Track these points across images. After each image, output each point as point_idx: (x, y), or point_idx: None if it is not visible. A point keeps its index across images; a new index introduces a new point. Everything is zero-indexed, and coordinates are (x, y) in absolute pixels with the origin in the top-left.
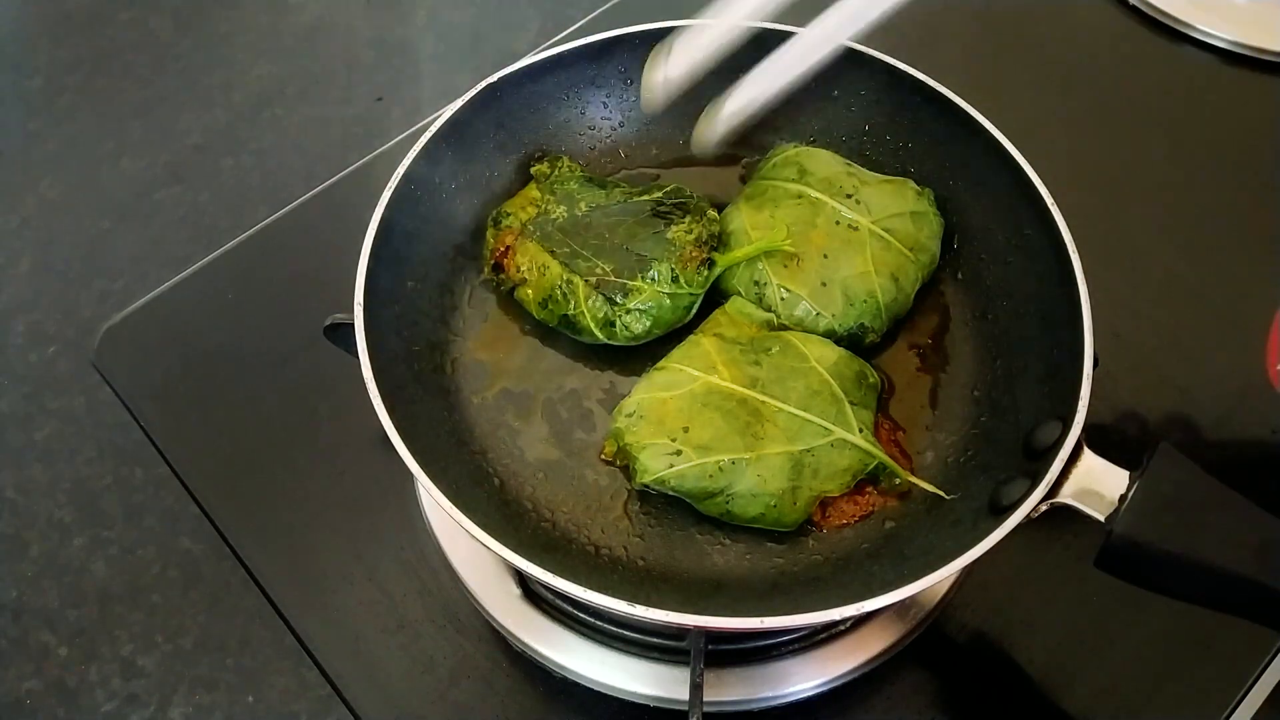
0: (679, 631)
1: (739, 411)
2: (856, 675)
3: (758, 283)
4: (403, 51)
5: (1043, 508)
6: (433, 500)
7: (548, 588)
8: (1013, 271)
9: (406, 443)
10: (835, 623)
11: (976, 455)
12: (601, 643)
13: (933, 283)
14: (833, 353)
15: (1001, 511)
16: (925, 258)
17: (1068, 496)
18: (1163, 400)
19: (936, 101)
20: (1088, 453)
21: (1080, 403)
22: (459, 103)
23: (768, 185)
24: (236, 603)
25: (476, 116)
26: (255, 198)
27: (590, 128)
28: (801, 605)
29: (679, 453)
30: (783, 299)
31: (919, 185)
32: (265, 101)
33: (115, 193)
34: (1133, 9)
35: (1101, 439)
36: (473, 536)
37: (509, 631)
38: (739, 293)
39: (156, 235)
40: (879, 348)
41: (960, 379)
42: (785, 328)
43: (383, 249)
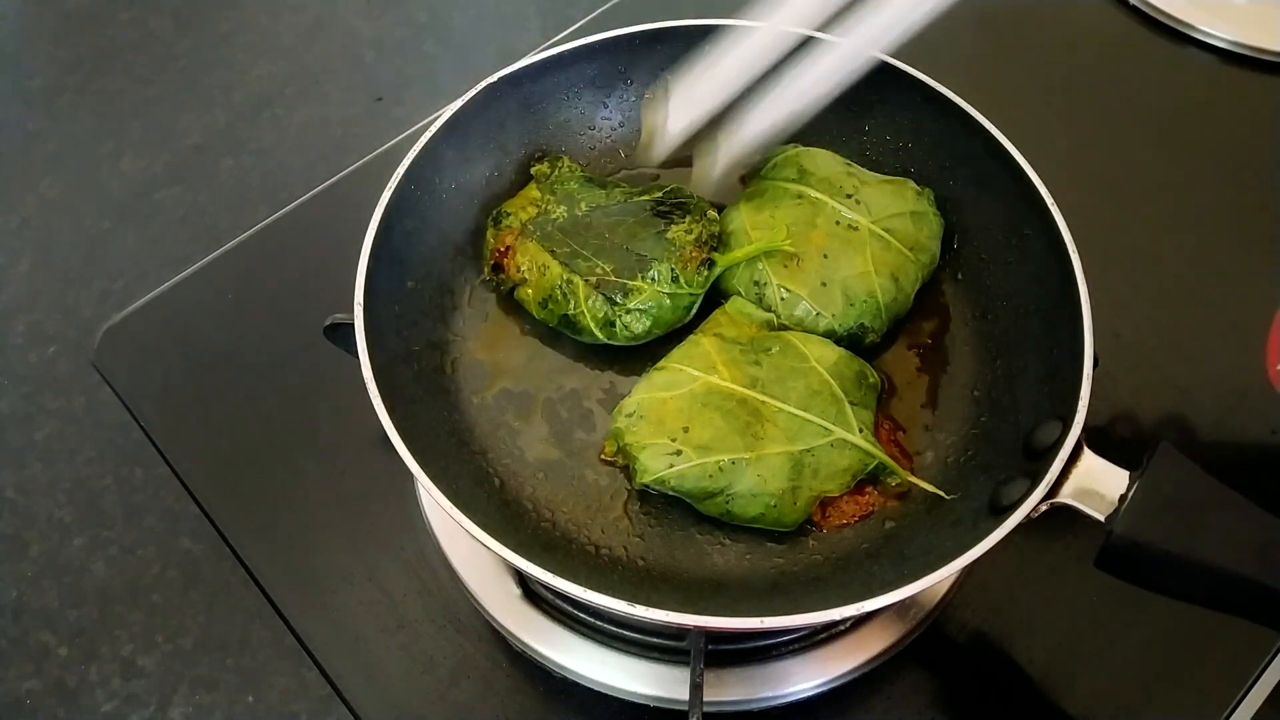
0: (679, 631)
1: (739, 411)
2: (856, 675)
3: (758, 283)
4: (403, 51)
5: (1043, 508)
6: (433, 500)
7: (548, 588)
8: (1013, 271)
9: (406, 443)
10: (835, 623)
11: (976, 455)
12: (601, 643)
13: (933, 283)
14: (833, 353)
15: (1001, 511)
16: (925, 258)
17: (1068, 496)
18: (1163, 400)
19: (936, 101)
20: (1088, 453)
21: (1080, 403)
22: (459, 103)
23: (768, 185)
24: (236, 603)
25: (476, 116)
26: (255, 198)
27: (590, 128)
28: (801, 605)
29: (679, 453)
30: (783, 299)
31: (919, 185)
32: (265, 101)
33: (115, 193)
34: (1133, 9)
35: (1101, 439)
36: (473, 536)
37: (509, 631)
38: (739, 293)
39: (156, 235)
40: (879, 348)
41: (960, 379)
42: (785, 328)
43: (383, 249)
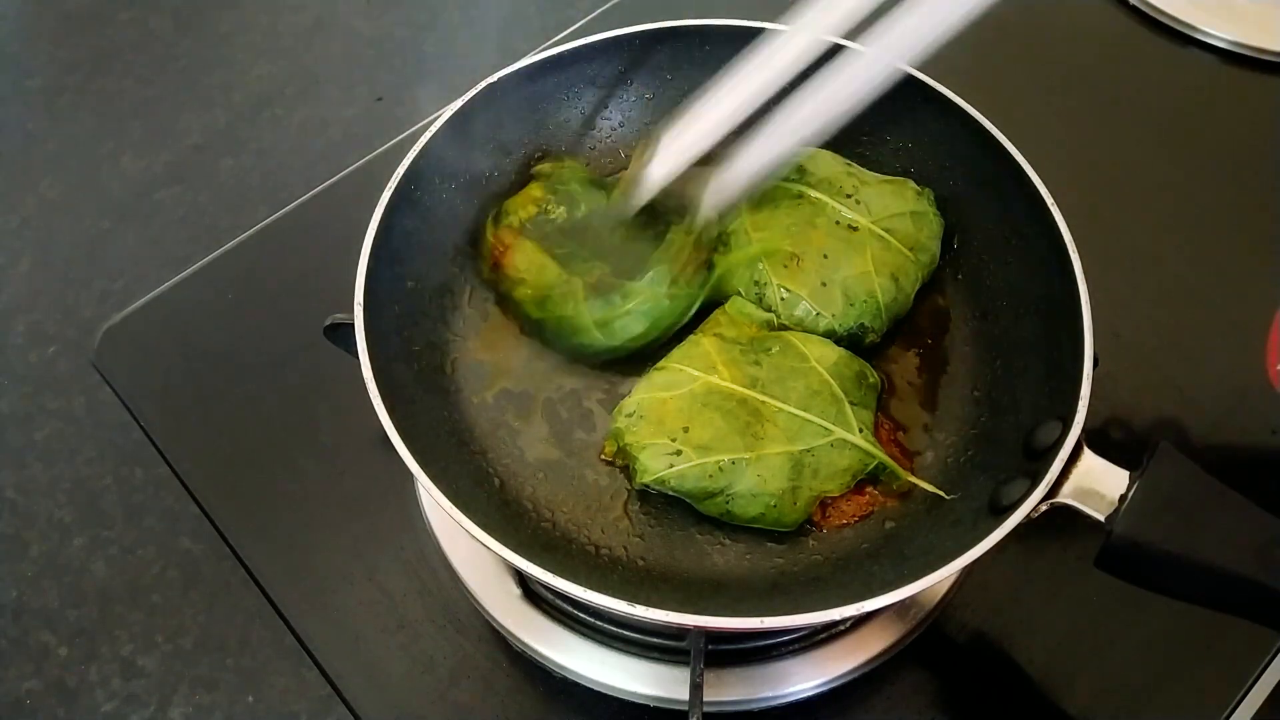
0: (679, 631)
1: (739, 411)
2: (856, 675)
3: (758, 283)
4: (403, 51)
5: (1043, 508)
6: (433, 500)
7: (548, 588)
8: (1013, 271)
9: (406, 443)
10: (835, 623)
11: (976, 455)
12: (601, 643)
13: (933, 283)
14: (833, 353)
15: (1001, 511)
16: (925, 258)
17: (1068, 496)
18: (1163, 400)
19: (936, 101)
20: (1088, 453)
21: (1080, 403)
22: (459, 103)
23: (768, 185)
24: (236, 603)
25: (476, 116)
26: (255, 198)
27: (590, 128)
28: (801, 605)
29: (679, 453)
30: (783, 299)
31: (919, 185)
32: (265, 101)
33: (115, 193)
34: (1133, 9)
35: (1101, 439)
36: (473, 536)
37: (509, 631)
38: (739, 293)
39: (156, 235)
40: (879, 348)
41: (960, 379)
42: (785, 328)
43: (383, 249)
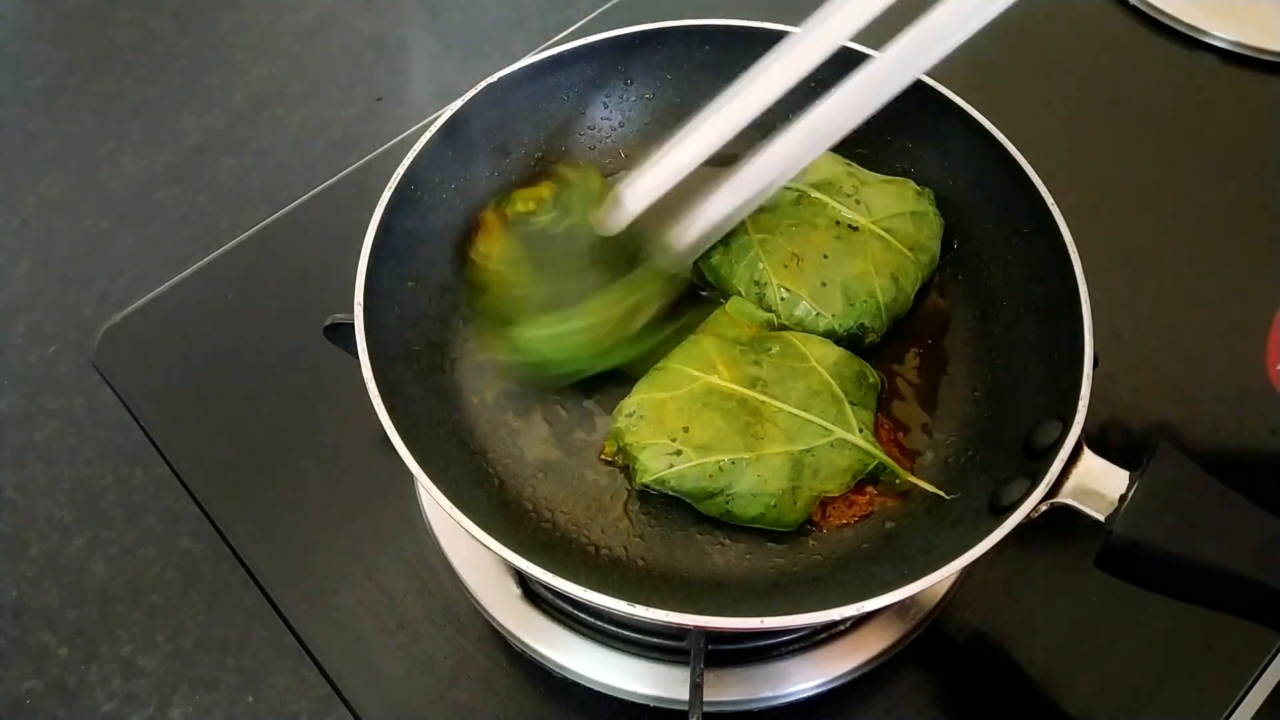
0: (679, 631)
1: (739, 411)
2: (856, 675)
3: (758, 283)
4: (403, 51)
5: (1043, 508)
6: (433, 500)
7: (548, 588)
8: (1013, 272)
9: (406, 443)
10: (835, 623)
11: (976, 455)
12: (601, 643)
13: (933, 283)
14: (833, 353)
15: (1001, 511)
16: (925, 258)
17: (1068, 496)
18: (1163, 400)
19: (936, 101)
20: (1088, 453)
21: (1080, 403)
22: (459, 103)
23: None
24: (236, 603)
25: (476, 116)
26: (255, 198)
27: (590, 128)
28: (801, 605)
29: (679, 453)
30: (783, 299)
31: (919, 185)
32: (265, 101)
33: (115, 193)
34: (1133, 9)
35: (1101, 439)
36: (473, 536)
37: (509, 631)
38: (739, 292)
39: (156, 235)
40: (879, 348)
41: (960, 379)
42: (785, 328)
43: (383, 249)
